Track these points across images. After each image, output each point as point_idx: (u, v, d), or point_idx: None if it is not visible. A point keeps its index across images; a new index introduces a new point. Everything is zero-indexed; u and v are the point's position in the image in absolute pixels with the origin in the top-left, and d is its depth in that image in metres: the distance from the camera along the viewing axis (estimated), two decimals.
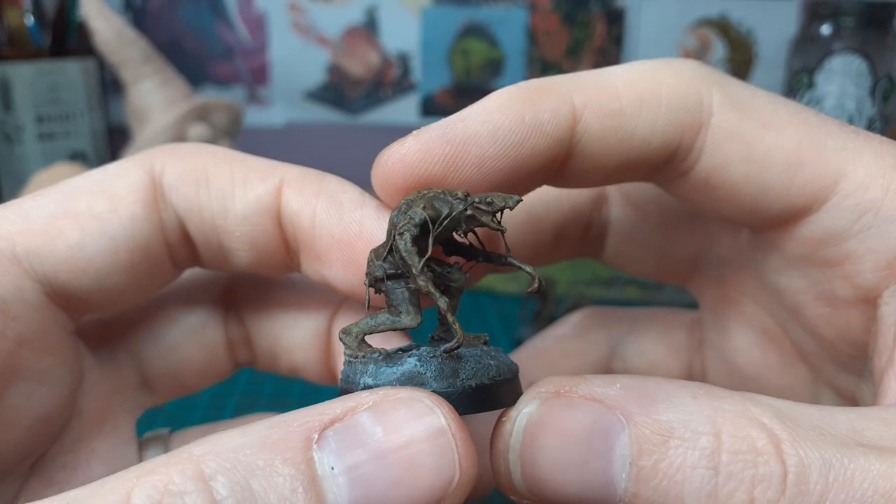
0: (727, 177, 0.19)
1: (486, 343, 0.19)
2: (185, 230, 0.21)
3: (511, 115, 0.18)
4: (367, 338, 0.19)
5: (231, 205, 0.20)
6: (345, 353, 0.19)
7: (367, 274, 0.19)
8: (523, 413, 0.16)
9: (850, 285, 0.19)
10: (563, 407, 0.16)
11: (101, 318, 0.23)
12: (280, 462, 0.14)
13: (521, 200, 0.18)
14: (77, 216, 0.19)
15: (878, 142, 0.19)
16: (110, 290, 0.20)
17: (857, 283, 0.19)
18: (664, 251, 0.25)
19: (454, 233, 0.19)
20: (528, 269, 0.19)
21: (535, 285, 0.18)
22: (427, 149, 0.19)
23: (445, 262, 0.19)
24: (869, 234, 0.18)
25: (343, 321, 0.23)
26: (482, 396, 0.17)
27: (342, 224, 0.20)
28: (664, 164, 0.20)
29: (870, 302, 0.19)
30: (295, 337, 0.24)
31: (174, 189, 0.20)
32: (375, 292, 0.19)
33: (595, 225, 0.26)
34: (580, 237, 0.26)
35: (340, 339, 0.19)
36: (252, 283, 0.24)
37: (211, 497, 0.13)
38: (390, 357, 0.18)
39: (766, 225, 0.20)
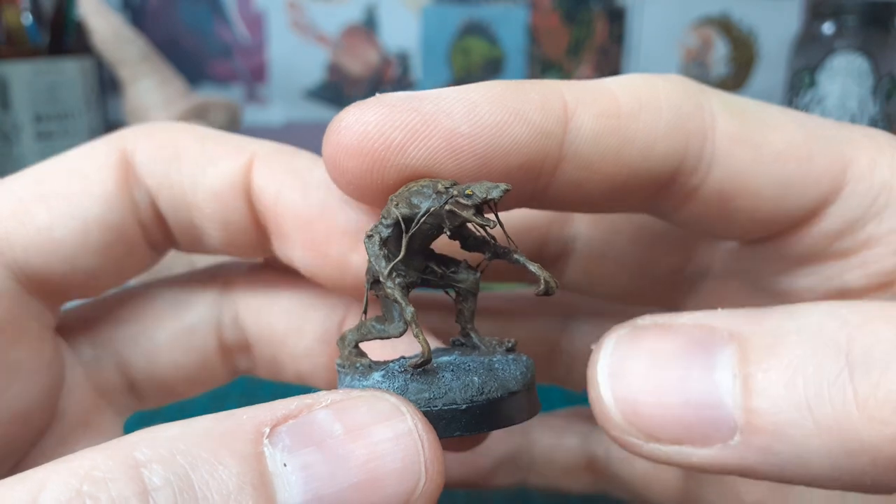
0: (744, 184, 0.18)
1: (510, 350, 0.17)
2: (158, 209, 0.20)
3: (491, 98, 0.17)
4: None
5: (202, 181, 0.20)
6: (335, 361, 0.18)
7: (366, 272, 0.17)
8: (611, 339, 0.15)
9: (865, 274, 0.19)
10: (659, 330, 0.15)
11: (84, 318, 0.22)
12: (227, 454, 0.13)
13: (509, 189, 0.16)
14: (46, 198, 0.19)
15: (863, 129, 0.19)
16: (83, 273, 0.20)
17: (873, 271, 0.18)
18: (640, 269, 0.23)
19: (444, 231, 0.17)
20: (533, 267, 0.17)
21: (542, 287, 0.16)
22: (388, 112, 0.16)
23: (453, 259, 0.18)
24: (885, 214, 0.18)
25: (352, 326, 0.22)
26: (454, 419, 0.15)
27: (304, 203, 0.19)
28: (669, 182, 0.18)
29: (884, 288, 0.18)
30: (300, 344, 0.22)
31: (145, 167, 0.20)
32: (375, 295, 0.17)
33: (553, 244, 0.23)
34: (534, 257, 0.23)
35: (337, 346, 0.18)
36: (252, 285, 0.23)
37: (141, 485, 0.12)
38: (370, 368, 0.17)
39: (783, 230, 0.19)
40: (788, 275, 0.20)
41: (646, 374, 0.14)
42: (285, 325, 0.22)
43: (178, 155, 0.20)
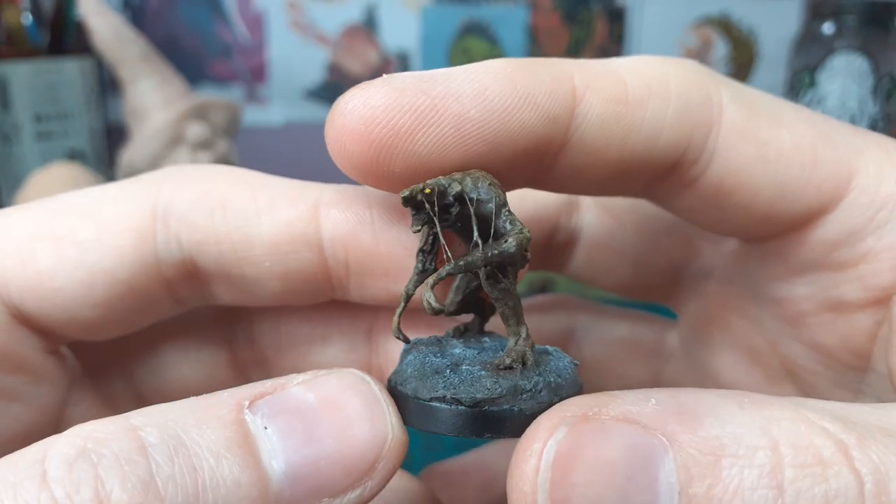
0: (743, 180, 0.18)
1: (500, 367, 0.16)
2: (194, 265, 0.19)
3: (501, 79, 0.16)
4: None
5: (256, 233, 0.18)
6: None
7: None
8: (550, 445, 0.14)
9: (862, 287, 0.18)
10: (594, 433, 0.14)
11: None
12: (212, 419, 0.14)
13: (406, 193, 0.16)
14: (56, 240, 0.18)
15: (877, 137, 0.19)
16: (84, 324, 0.18)
17: (870, 285, 0.18)
18: (642, 262, 0.23)
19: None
20: (427, 283, 0.16)
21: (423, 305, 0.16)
22: (397, 96, 0.16)
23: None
24: (886, 229, 0.18)
25: (385, 332, 0.21)
26: (403, 404, 0.16)
27: (410, 237, 0.18)
28: (670, 171, 0.18)
29: (881, 303, 0.18)
30: (325, 353, 0.21)
31: (185, 219, 0.18)
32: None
33: (562, 232, 0.23)
34: (543, 245, 0.23)
35: None
36: None
37: (140, 442, 0.13)
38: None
39: (777, 232, 0.19)
40: (786, 281, 0.20)
41: (587, 493, 0.14)
42: (308, 335, 0.21)
43: (223, 204, 0.18)
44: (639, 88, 0.17)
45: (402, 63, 0.92)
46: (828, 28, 0.64)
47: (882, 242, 0.18)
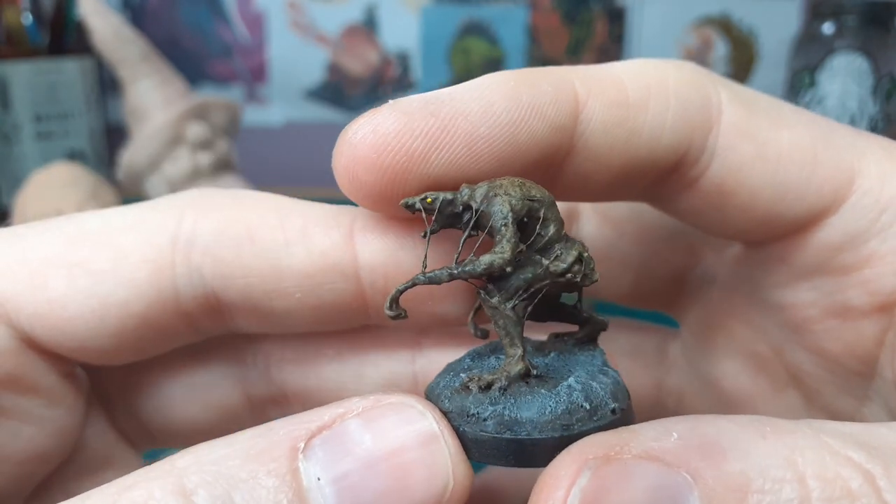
0: (743, 180, 0.17)
1: (488, 387, 0.16)
2: (217, 298, 0.18)
3: (506, 93, 0.16)
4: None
5: (287, 265, 0.17)
6: None
7: None
8: (574, 493, 0.13)
9: (867, 292, 0.18)
10: (618, 476, 0.13)
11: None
12: (264, 473, 0.14)
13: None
14: (70, 267, 0.17)
15: (880, 140, 0.18)
16: (95, 352, 0.18)
17: (875, 289, 0.18)
18: (643, 271, 0.23)
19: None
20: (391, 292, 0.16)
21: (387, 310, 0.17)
22: (407, 121, 0.16)
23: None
24: (890, 232, 0.17)
25: (431, 361, 0.20)
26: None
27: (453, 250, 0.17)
28: (671, 171, 0.18)
29: (886, 309, 0.18)
30: (361, 391, 0.20)
31: (209, 252, 0.17)
32: None
33: None
34: None
35: None
36: (283, 334, 0.21)
37: None
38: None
39: (779, 234, 0.19)
40: (790, 287, 0.19)
41: None
42: (338, 375, 0.20)
43: (251, 235, 0.17)
44: (638, 91, 0.17)
45: (402, 63, 0.92)
46: (828, 28, 0.64)
47: (886, 245, 0.17)
